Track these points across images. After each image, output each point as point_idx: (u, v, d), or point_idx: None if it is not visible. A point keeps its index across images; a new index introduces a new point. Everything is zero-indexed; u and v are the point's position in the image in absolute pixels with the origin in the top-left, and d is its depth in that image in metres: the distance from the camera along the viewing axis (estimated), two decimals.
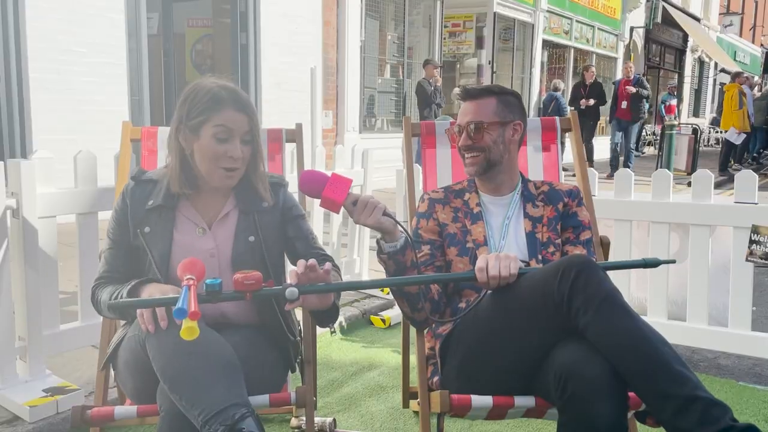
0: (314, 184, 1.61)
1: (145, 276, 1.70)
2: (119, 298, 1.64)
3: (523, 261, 1.79)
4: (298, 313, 1.99)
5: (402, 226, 1.69)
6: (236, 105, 1.68)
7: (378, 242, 1.70)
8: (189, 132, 1.68)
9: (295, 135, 2.35)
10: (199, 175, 1.73)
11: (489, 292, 1.67)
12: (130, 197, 1.74)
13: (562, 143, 2.41)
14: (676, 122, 11.14)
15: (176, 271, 1.51)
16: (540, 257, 1.88)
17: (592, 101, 10.65)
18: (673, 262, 1.77)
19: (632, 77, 10.75)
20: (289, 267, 1.81)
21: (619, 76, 17.00)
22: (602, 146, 13.09)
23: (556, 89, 11.79)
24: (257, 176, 1.80)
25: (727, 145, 11.65)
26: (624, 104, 10.68)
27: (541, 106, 12.74)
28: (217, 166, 1.68)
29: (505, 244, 1.91)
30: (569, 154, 2.52)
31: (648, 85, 10.92)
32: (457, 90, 2.24)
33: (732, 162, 11.92)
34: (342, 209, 1.64)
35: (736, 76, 12.12)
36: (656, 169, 3.25)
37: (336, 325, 3.41)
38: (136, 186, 1.76)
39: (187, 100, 1.69)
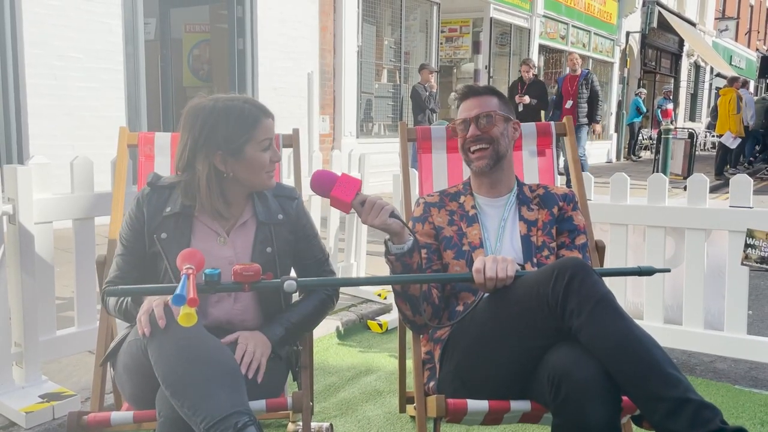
0: (324, 183, 1.64)
1: (158, 281, 1.73)
2: (126, 302, 1.69)
3: (518, 264, 1.80)
4: None
5: (409, 229, 1.71)
6: (265, 113, 1.75)
7: (386, 243, 1.71)
8: (230, 155, 1.71)
9: (292, 140, 2.35)
10: (229, 191, 1.76)
11: (486, 295, 1.68)
12: (146, 205, 1.75)
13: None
14: (672, 126, 11.07)
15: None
16: (535, 260, 1.89)
17: (527, 98, 8.64)
18: (668, 271, 1.77)
19: (580, 71, 8.75)
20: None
21: (615, 81, 17.14)
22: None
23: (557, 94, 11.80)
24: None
25: (723, 149, 11.68)
26: (569, 104, 8.64)
27: None
28: (263, 172, 1.75)
29: (500, 247, 1.92)
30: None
31: (598, 86, 8.89)
32: (453, 95, 2.25)
33: (728, 166, 11.95)
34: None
35: (733, 80, 12.14)
36: (653, 173, 3.27)
37: (333, 329, 3.42)
38: (152, 192, 1.78)
39: (218, 126, 1.69)
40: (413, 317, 1.82)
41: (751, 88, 21.23)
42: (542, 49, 13.66)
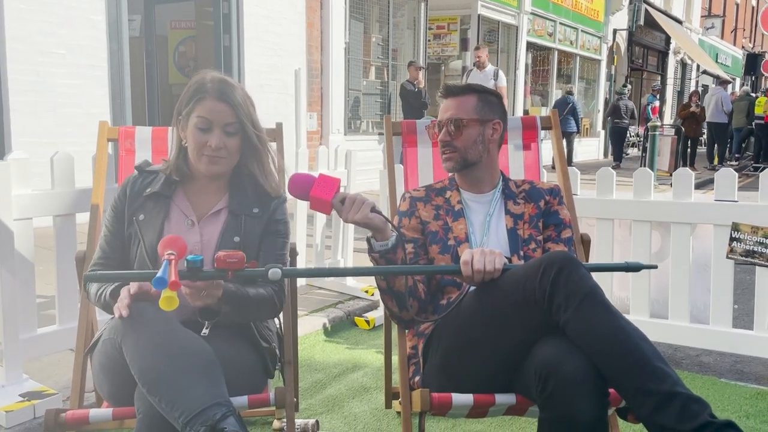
0: (302, 185, 1.61)
1: (133, 264, 1.73)
2: (104, 295, 1.68)
3: (505, 257, 1.79)
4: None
5: (392, 223, 1.68)
6: (218, 95, 1.71)
7: (368, 241, 1.67)
8: (183, 122, 1.75)
9: (275, 135, 2.33)
10: (191, 165, 1.79)
11: (471, 289, 1.67)
12: (130, 187, 1.79)
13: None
14: (658, 123, 11.12)
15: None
16: (521, 253, 1.88)
17: None
18: (655, 267, 1.75)
19: None
20: None
21: (603, 78, 17.19)
22: None
23: (569, 93, 12.19)
24: (252, 178, 1.82)
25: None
26: None
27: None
28: (201, 154, 1.73)
29: (486, 241, 1.91)
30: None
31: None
32: (440, 92, 2.27)
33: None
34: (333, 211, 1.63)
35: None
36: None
37: (320, 326, 3.40)
38: (138, 176, 1.81)
39: (186, 92, 1.76)
40: (400, 312, 1.80)
41: (737, 86, 21.39)
42: (530, 46, 13.69)
